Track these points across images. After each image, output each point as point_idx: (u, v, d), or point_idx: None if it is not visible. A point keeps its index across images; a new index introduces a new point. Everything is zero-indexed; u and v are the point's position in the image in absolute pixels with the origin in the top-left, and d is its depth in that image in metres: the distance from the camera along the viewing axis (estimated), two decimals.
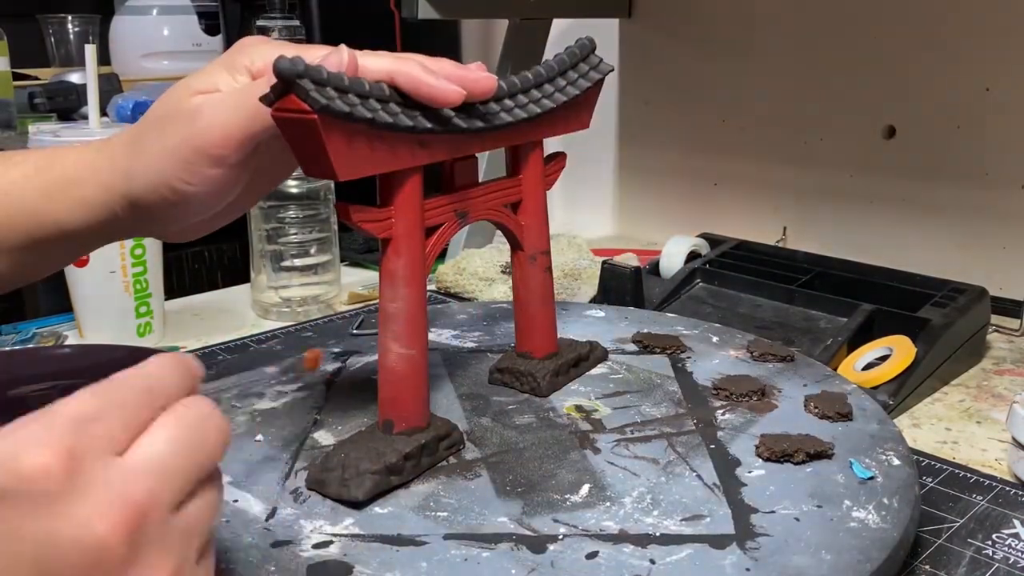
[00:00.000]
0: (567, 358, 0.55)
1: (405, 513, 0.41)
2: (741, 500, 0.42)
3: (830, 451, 0.45)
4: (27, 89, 1.15)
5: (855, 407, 0.49)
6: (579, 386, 0.54)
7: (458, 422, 0.49)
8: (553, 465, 0.45)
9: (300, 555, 0.38)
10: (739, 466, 0.45)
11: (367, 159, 0.40)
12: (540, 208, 0.52)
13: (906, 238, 0.87)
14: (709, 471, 0.44)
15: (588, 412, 0.51)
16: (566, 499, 0.42)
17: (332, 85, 0.38)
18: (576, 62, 0.51)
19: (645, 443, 0.47)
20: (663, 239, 0.82)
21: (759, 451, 0.45)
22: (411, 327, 0.44)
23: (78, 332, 0.74)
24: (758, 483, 0.43)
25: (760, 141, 0.98)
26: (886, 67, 0.86)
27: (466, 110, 0.44)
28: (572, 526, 0.40)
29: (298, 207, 0.78)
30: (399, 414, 0.45)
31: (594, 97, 0.53)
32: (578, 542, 0.39)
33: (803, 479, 0.43)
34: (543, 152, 0.52)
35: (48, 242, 0.46)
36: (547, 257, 0.53)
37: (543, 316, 0.54)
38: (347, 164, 0.39)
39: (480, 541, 0.39)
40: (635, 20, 1.08)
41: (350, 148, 0.39)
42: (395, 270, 0.43)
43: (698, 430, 0.48)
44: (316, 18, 1.18)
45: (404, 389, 0.44)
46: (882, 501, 0.41)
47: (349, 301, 0.84)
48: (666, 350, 0.59)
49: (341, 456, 0.43)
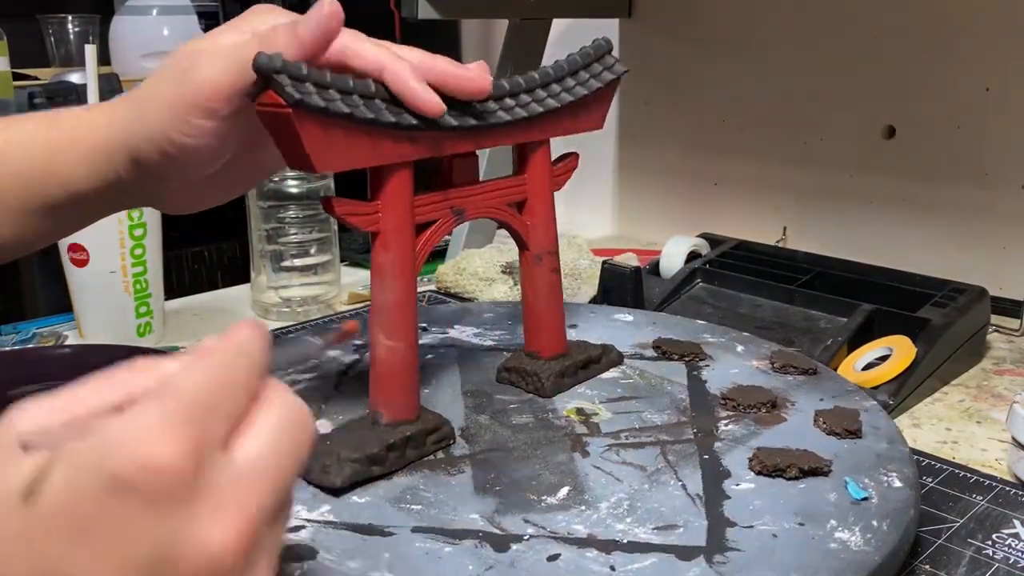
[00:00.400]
0: (575, 360, 0.54)
1: (381, 503, 0.42)
2: (721, 513, 0.41)
3: (826, 468, 0.43)
4: (27, 89, 1.15)
5: (867, 424, 0.48)
6: (586, 389, 0.54)
7: (457, 418, 0.49)
8: (539, 466, 0.45)
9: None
10: (728, 478, 0.44)
11: (346, 153, 0.41)
12: (546, 208, 0.52)
13: (906, 238, 0.87)
14: (696, 481, 0.43)
15: (588, 415, 0.51)
16: (542, 500, 0.42)
17: (312, 80, 0.39)
18: (589, 62, 0.51)
19: (637, 449, 0.47)
20: (663, 239, 0.82)
21: (752, 464, 0.44)
22: (398, 320, 0.45)
23: (78, 332, 0.74)
24: (743, 497, 0.42)
25: (760, 141, 0.98)
26: (886, 67, 0.86)
27: (460, 108, 0.44)
28: (541, 527, 0.40)
29: (298, 207, 0.78)
30: (387, 406, 0.45)
31: (607, 98, 0.52)
32: (543, 543, 0.39)
33: (793, 495, 0.42)
34: (550, 152, 0.52)
35: (56, 203, 0.46)
36: (554, 258, 0.53)
37: (550, 316, 0.54)
38: (324, 157, 0.40)
39: (446, 536, 0.39)
40: (635, 20, 1.08)
41: (327, 141, 0.40)
42: (383, 264, 0.44)
43: (695, 439, 0.47)
44: None
45: (391, 381, 0.45)
46: (871, 523, 0.39)
47: (349, 301, 0.84)
48: (684, 357, 0.57)
49: (327, 444, 0.43)
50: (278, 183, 0.77)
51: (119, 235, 0.69)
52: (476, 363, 0.57)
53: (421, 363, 0.55)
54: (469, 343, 0.61)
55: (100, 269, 0.70)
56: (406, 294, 0.45)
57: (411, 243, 0.45)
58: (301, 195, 0.78)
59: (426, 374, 0.56)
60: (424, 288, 0.89)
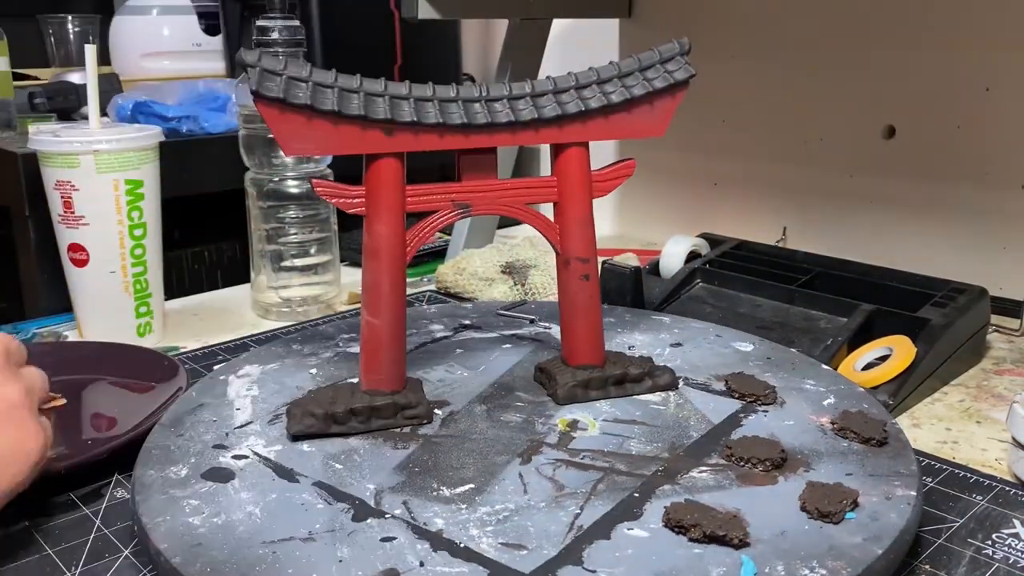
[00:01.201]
0: (608, 373, 0.53)
1: (316, 456, 0.47)
2: (578, 552, 0.38)
3: (736, 539, 0.38)
4: (27, 89, 1.14)
5: (862, 516, 0.40)
6: (607, 404, 0.52)
7: (459, 402, 0.52)
8: (472, 460, 0.46)
9: (219, 457, 0.47)
10: (628, 521, 0.41)
11: (308, 139, 0.46)
12: (576, 212, 0.50)
13: (906, 238, 0.87)
14: (593, 515, 0.41)
15: (573, 428, 0.50)
16: (439, 490, 0.44)
17: (288, 74, 0.45)
18: (652, 64, 0.50)
19: (579, 470, 0.45)
20: (663, 239, 0.82)
21: (664, 514, 0.40)
22: (375, 298, 0.48)
23: (78, 332, 0.74)
24: (620, 543, 0.39)
25: (760, 141, 0.98)
26: (886, 67, 0.86)
27: (452, 106, 0.47)
28: (408, 511, 0.42)
29: (298, 207, 0.78)
30: (364, 375, 0.50)
31: (662, 104, 0.51)
32: (394, 525, 0.41)
33: (670, 557, 0.38)
34: (585, 155, 0.50)
35: None
36: (584, 264, 0.51)
37: (579, 323, 0.53)
38: (290, 142, 0.46)
39: (328, 495, 0.43)
40: (635, 20, 1.08)
41: (290, 129, 0.45)
42: (367, 245, 0.48)
43: (646, 477, 0.44)
44: (316, 18, 1.18)
45: (369, 353, 0.49)
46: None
47: (349, 301, 0.84)
48: (746, 396, 0.52)
49: (308, 396, 0.50)
50: (278, 183, 0.77)
51: (119, 235, 0.69)
52: (540, 358, 0.57)
53: (498, 347, 0.61)
54: (556, 340, 0.61)
55: (100, 269, 0.70)
56: (386, 273, 0.48)
57: (395, 229, 0.48)
58: (301, 195, 0.78)
59: (487, 358, 0.59)
60: (424, 288, 0.89)
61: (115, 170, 0.68)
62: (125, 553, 0.44)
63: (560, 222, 0.51)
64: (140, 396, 0.60)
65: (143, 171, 0.69)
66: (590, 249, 0.51)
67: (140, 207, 0.70)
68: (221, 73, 1.38)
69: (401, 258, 0.48)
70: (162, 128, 0.74)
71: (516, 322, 0.66)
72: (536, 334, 0.64)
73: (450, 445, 0.48)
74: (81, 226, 0.69)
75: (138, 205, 0.69)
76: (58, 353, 0.67)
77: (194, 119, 1.06)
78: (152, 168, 0.71)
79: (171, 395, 0.57)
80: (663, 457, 0.47)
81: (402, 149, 0.47)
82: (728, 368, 0.57)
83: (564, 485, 0.44)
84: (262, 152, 0.77)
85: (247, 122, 0.77)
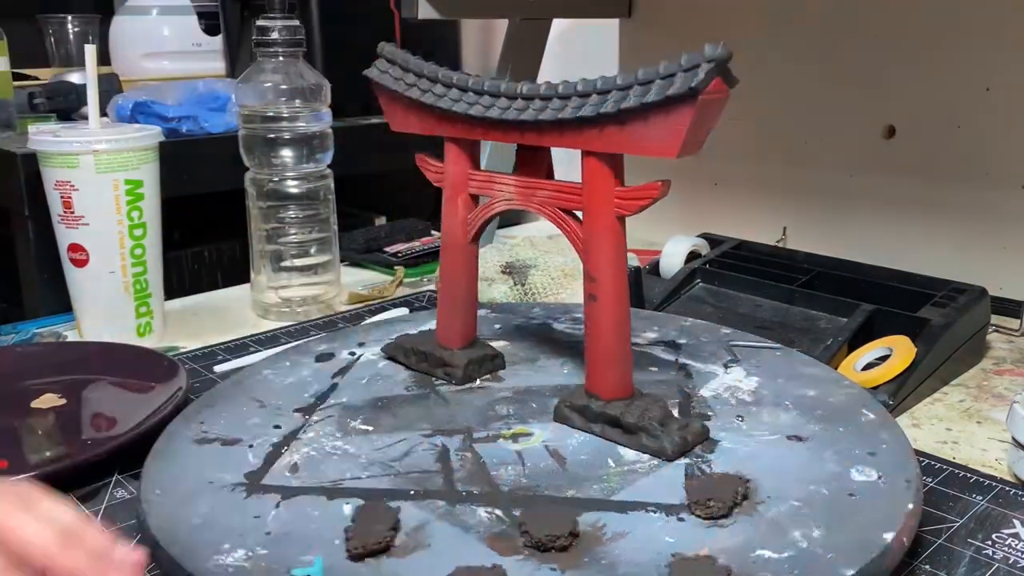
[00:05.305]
0: (606, 411, 0.47)
1: (373, 372, 0.58)
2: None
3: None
4: (27, 89, 1.14)
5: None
6: (584, 436, 0.49)
7: (496, 386, 0.57)
8: (426, 413, 0.53)
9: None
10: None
11: (406, 121, 0.55)
12: (598, 227, 0.46)
13: (906, 238, 0.87)
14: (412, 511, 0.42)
15: (513, 436, 0.49)
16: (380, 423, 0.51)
17: (400, 66, 0.54)
18: (671, 72, 0.44)
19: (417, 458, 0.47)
20: (663, 239, 0.82)
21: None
22: (445, 262, 0.56)
23: (78, 332, 0.74)
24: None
25: (760, 141, 0.98)
26: (886, 67, 0.86)
27: (497, 101, 0.50)
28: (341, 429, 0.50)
29: (298, 207, 0.78)
30: (438, 326, 0.58)
31: (677, 118, 0.44)
32: (321, 429, 0.50)
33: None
34: (605, 166, 0.46)
35: None
36: (590, 283, 0.47)
37: (589, 346, 0.48)
38: (393, 120, 0.56)
39: (333, 413, 0.53)
40: (635, 20, 1.08)
41: (394, 110, 0.55)
42: (442, 215, 0.55)
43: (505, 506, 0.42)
44: (316, 18, 1.18)
45: (440, 308, 0.57)
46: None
47: (349, 301, 0.84)
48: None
49: (407, 336, 0.60)
50: (278, 183, 0.77)
51: (119, 235, 0.69)
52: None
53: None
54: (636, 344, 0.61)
55: (100, 269, 0.70)
56: (449, 241, 0.55)
57: (458, 203, 0.54)
58: (301, 195, 0.78)
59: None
60: (424, 288, 0.89)
61: (115, 170, 0.68)
62: None
63: (584, 232, 0.48)
64: (140, 396, 0.60)
65: (143, 171, 0.70)
66: (601, 268, 0.47)
67: (140, 207, 0.70)
68: (221, 73, 1.38)
69: (465, 233, 0.54)
70: (162, 128, 0.74)
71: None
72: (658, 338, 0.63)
73: (429, 404, 0.54)
74: (81, 226, 0.69)
75: (138, 205, 0.69)
76: (58, 353, 0.68)
77: (194, 119, 1.06)
78: (152, 168, 0.71)
79: (171, 395, 0.57)
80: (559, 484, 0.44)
81: (459, 136, 0.53)
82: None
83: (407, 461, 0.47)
84: (262, 152, 0.77)
85: (247, 122, 0.77)
